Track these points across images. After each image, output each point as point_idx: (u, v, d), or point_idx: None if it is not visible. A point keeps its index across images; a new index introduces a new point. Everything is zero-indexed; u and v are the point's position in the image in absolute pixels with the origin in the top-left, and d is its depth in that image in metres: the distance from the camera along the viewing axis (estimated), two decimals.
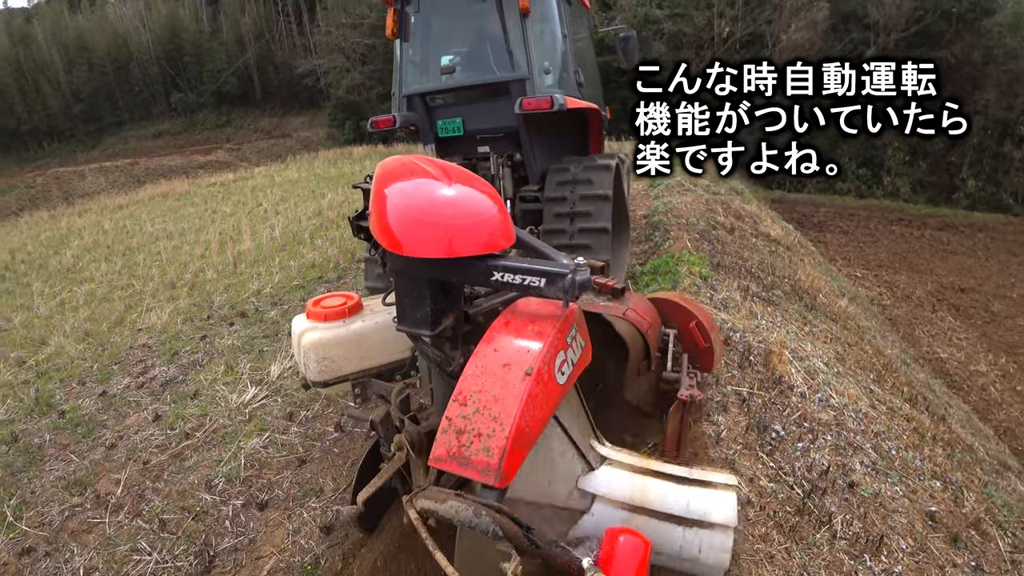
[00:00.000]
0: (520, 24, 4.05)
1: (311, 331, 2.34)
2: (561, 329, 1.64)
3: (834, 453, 2.55)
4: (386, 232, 1.65)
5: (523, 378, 1.50)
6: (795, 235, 10.95)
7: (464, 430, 1.48)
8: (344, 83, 32.44)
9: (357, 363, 2.36)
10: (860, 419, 3.01)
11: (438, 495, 1.50)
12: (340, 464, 3.02)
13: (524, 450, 1.48)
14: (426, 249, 1.61)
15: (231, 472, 3.12)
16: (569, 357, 1.67)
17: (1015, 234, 16.90)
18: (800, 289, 5.81)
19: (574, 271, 1.59)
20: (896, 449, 2.94)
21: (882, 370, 4.54)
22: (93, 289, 7.53)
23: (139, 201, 18.23)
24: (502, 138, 4.54)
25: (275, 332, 4.94)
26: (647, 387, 2.48)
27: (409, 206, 1.68)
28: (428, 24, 4.69)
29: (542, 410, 1.53)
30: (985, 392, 7.82)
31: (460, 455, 1.46)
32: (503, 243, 1.71)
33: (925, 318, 10.44)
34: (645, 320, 2.43)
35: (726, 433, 2.50)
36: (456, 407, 1.53)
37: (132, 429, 3.80)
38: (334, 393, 2.62)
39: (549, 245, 1.93)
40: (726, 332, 3.56)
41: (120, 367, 4.83)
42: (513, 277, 1.65)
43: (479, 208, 1.71)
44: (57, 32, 44.94)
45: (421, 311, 1.80)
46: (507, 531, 1.40)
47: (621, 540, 1.50)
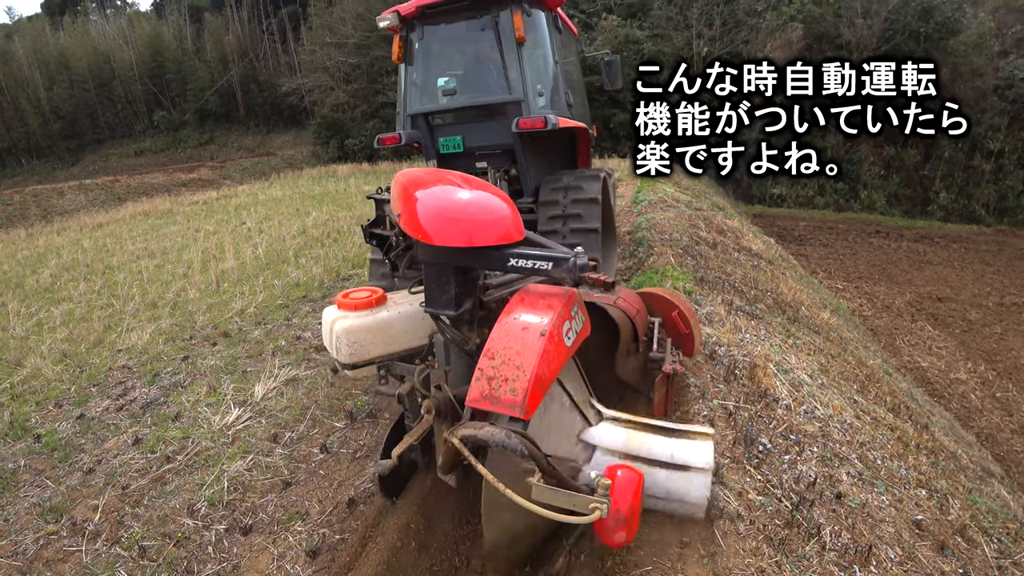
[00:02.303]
0: (516, 51, 4.38)
1: (342, 319, 2.64)
2: (567, 304, 2.01)
3: (821, 464, 2.57)
4: (418, 227, 2.02)
5: (539, 337, 1.85)
6: (776, 249, 11.13)
7: (494, 376, 1.83)
8: (328, 101, 32.49)
9: (383, 347, 2.67)
10: (845, 430, 3.04)
11: (476, 425, 1.82)
12: (326, 486, 2.96)
13: (541, 392, 1.82)
14: (453, 239, 1.97)
15: (214, 496, 3.04)
16: (573, 327, 2.03)
17: (988, 244, 17.39)
18: (783, 302, 5.89)
19: (576, 256, 1.98)
20: (881, 459, 2.97)
21: (865, 380, 4.60)
22: (71, 309, 7.36)
23: (120, 219, 17.96)
24: (499, 154, 4.88)
25: (259, 352, 4.87)
26: (636, 366, 2.84)
27: (438, 204, 2.06)
28: (431, 50, 5.01)
29: (554, 363, 1.87)
30: (966, 399, 7.96)
31: (491, 395, 1.81)
32: (516, 236, 2.08)
33: (905, 328, 10.64)
34: (633, 307, 2.79)
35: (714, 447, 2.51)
36: (486, 360, 1.88)
37: (111, 453, 3.69)
38: (361, 375, 2.83)
39: None
40: (711, 347, 3.59)
41: (99, 389, 4.72)
42: (526, 262, 2.02)
43: (496, 206, 2.10)
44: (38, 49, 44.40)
45: (446, 295, 2.16)
46: (531, 451, 1.71)
47: (619, 473, 1.79)
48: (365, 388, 3.96)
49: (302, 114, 38.97)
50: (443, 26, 4.86)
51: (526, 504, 1.67)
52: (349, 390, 3.99)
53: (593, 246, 4.39)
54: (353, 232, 10.25)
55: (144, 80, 43.80)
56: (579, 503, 1.68)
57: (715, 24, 24.56)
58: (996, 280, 13.62)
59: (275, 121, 42.73)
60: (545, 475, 1.75)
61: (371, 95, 30.96)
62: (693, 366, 3.26)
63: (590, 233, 4.44)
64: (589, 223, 4.45)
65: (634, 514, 1.74)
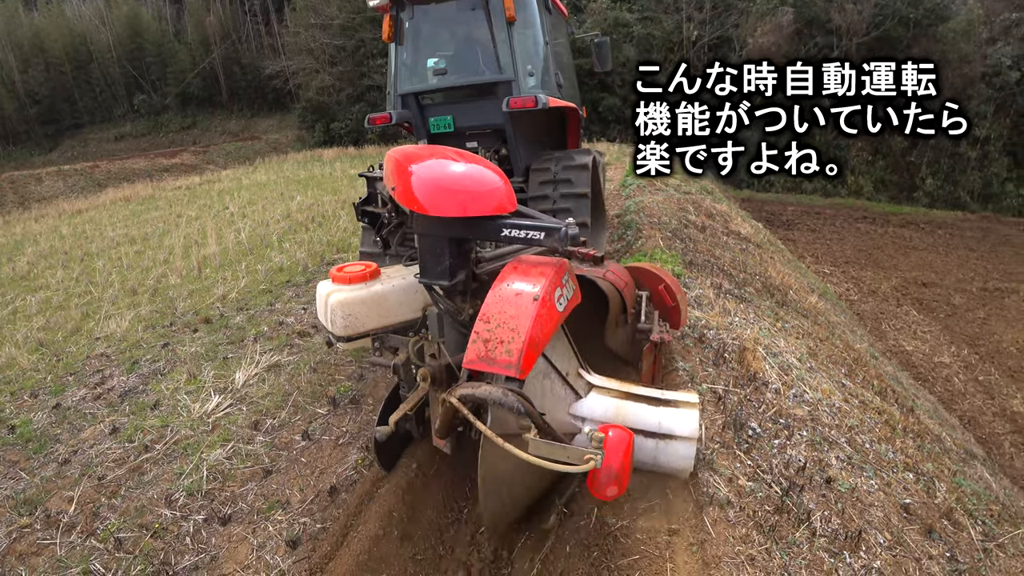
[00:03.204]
0: (507, 31, 4.38)
1: (337, 292, 2.66)
2: (558, 271, 2.07)
3: (810, 449, 2.54)
4: (413, 198, 2.05)
5: (532, 301, 1.92)
6: (764, 233, 11.15)
7: (489, 339, 1.89)
8: (314, 84, 31.86)
9: (377, 320, 2.70)
10: (834, 414, 3.03)
11: (474, 384, 1.88)
12: (307, 474, 2.89)
13: (536, 353, 1.88)
14: (448, 209, 2.02)
15: (192, 486, 2.96)
16: (564, 293, 2.10)
17: (972, 230, 17.57)
18: (771, 286, 5.88)
19: (567, 227, 2.03)
20: (870, 442, 2.95)
21: (852, 364, 4.61)
22: (48, 297, 7.18)
23: (100, 205, 17.57)
24: (489, 134, 4.88)
25: (240, 338, 4.76)
26: (625, 337, 2.93)
27: (433, 176, 2.10)
28: (421, 30, 4.97)
29: (547, 327, 1.94)
30: (949, 383, 8.06)
31: (488, 356, 1.86)
32: (509, 207, 2.15)
33: (891, 312, 10.74)
34: (622, 280, 2.88)
35: (703, 432, 2.47)
36: (481, 324, 1.93)
37: (87, 443, 3.59)
38: (355, 347, 2.84)
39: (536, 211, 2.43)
40: (700, 330, 3.55)
41: (76, 378, 4.59)
42: (519, 232, 2.08)
43: (489, 178, 2.16)
44: (11, 31, 42.86)
45: (441, 265, 2.21)
46: (527, 409, 1.79)
47: (611, 432, 1.85)
48: (348, 374, 3.89)
49: (287, 97, 38.17)
50: (433, 5, 4.81)
51: (524, 456, 1.71)
52: (332, 375, 3.91)
53: (582, 210, 4.48)
54: (338, 216, 10.08)
55: (123, 63, 42.56)
56: (573, 455, 1.76)
57: (705, 7, 24.36)
58: (980, 266, 13.79)
59: (259, 105, 41.82)
60: (541, 432, 1.81)
61: (357, 78, 30.42)
62: (682, 349, 3.23)
63: (580, 198, 4.50)
64: (578, 188, 4.52)
65: (624, 470, 1.80)
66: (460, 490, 2.67)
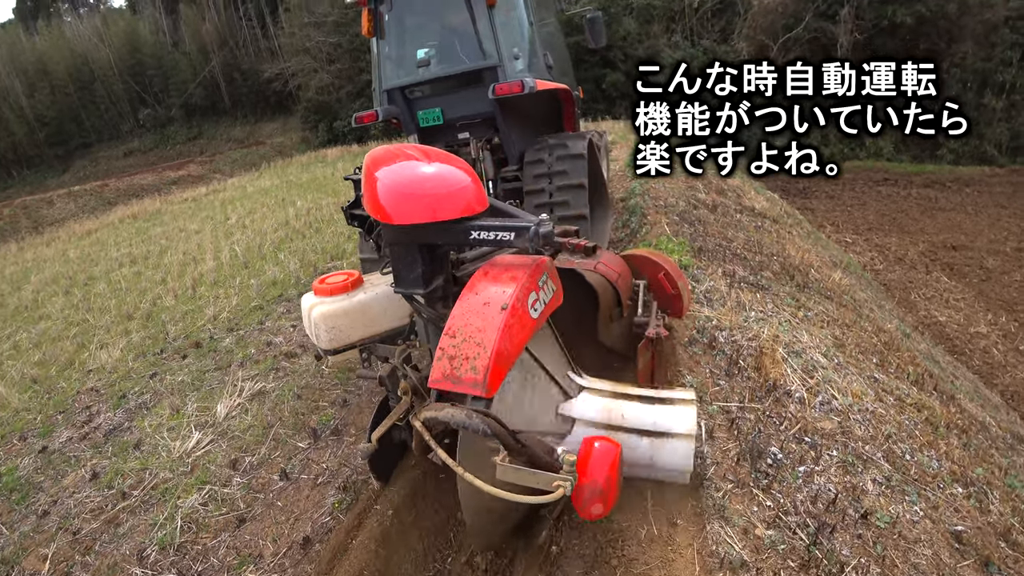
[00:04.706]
0: (488, 15, 4.21)
1: (319, 305, 2.58)
2: (532, 275, 1.93)
3: (842, 472, 2.21)
4: (378, 207, 1.96)
5: (500, 311, 1.78)
6: (781, 205, 10.63)
7: (455, 356, 1.77)
8: (313, 84, 31.68)
9: (362, 330, 2.62)
10: (868, 421, 2.68)
11: (438, 407, 1.79)
12: (283, 521, 2.66)
13: (505, 368, 1.76)
14: (413, 216, 1.92)
15: (165, 539, 2.75)
16: (541, 297, 1.95)
17: (1002, 186, 16.65)
18: (790, 266, 5.47)
19: (538, 224, 1.88)
20: (910, 452, 2.61)
21: (884, 350, 4.22)
22: (48, 328, 7.09)
23: (108, 224, 17.63)
24: (480, 123, 4.71)
25: (227, 363, 4.55)
26: (621, 332, 2.74)
27: (396, 183, 1.98)
28: (401, 21, 4.82)
29: (518, 337, 1.81)
30: (988, 355, 7.56)
31: (453, 375, 1.75)
32: (477, 207, 2.02)
33: (920, 281, 10.17)
34: (614, 271, 2.67)
35: (714, 470, 2.15)
36: (447, 339, 1.82)
37: (68, 491, 3.42)
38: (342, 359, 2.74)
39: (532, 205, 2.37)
40: (711, 332, 3.20)
41: (64, 416, 4.44)
42: (488, 234, 1.96)
43: (456, 179, 2.02)
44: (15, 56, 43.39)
45: (414, 273, 2.11)
46: (494, 430, 1.65)
47: (596, 445, 1.72)
48: (332, 399, 3.64)
49: (288, 99, 38.05)
50: None
51: (487, 488, 1.61)
52: (316, 402, 3.68)
53: (579, 202, 4.31)
54: (334, 220, 9.85)
55: (125, 78, 42.86)
56: (543, 481, 1.64)
57: None
58: (1013, 224, 13.00)
59: (262, 109, 41.83)
60: (512, 453, 1.69)
61: (355, 74, 30.11)
62: (690, 359, 2.90)
63: (577, 189, 4.33)
64: (574, 179, 4.35)
65: (611, 486, 1.68)
66: (443, 535, 2.40)
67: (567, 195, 4.34)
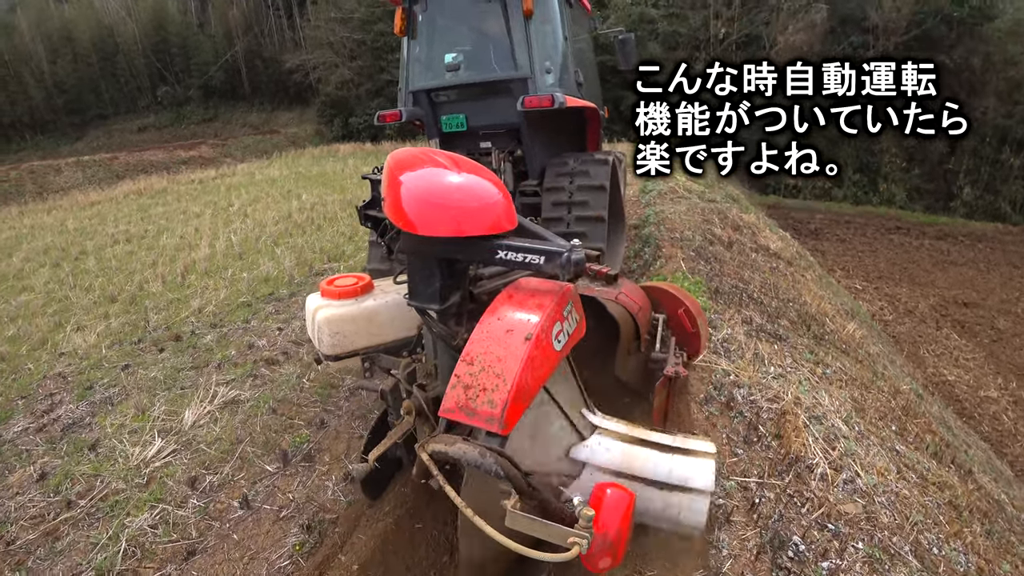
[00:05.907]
0: (523, 25, 4.15)
1: (325, 308, 2.47)
2: (558, 303, 1.80)
3: (868, 569, 1.94)
4: (401, 214, 1.82)
5: (524, 342, 1.65)
6: (794, 246, 10.38)
7: (471, 385, 1.64)
8: (333, 79, 31.62)
9: (367, 339, 2.51)
10: (894, 504, 2.41)
11: (448, 439, 1.66)
12: (236, 558, 2.38)
13: (524, 404, 1.63)
14: (438, 228, 1.79)
15: (104, 563, 2.47)
16: (565, 328, 1.82)
17: (1016, 244, 16.43)
18: (807, 315, 5.21)
19: (571, 250, 1.77)
20: (938, 544, 2.34)
21: (902, 415, 3.96)
22: (28, 301, 6.82)
23: (113, 198, 17.38)
24: (504, 134, 4.68)
25: (205, 363, 4.29)
26: (636, 366, 2.63)
27: (422, 190, 1.85)
28: (434, 23, 4.77)
29: (540, 371, 1.68)
30: (998, 421, 7.28)
31: (467, 406, 1.62)
32: (506, 225, 1.88)
33: (929, 336, 9.91)
34: (635, 303, 2.57)
35: (730, 565, 1.88)
36: (464, 366, 1.68)
37: (12, 491, 3.15)
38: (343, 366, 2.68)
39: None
40: (728, 390, 2.95)
41: (26, 402, 4.18)
42: (516, 255, 1.83)
43: (486, 193, 1.89)
44: (41, 22, 43.48)
45: (431, 288, 2.00)
46: (508, 472, 1.53)
47: (609, 492, 1.62)
48: (309, 418, 3.37)
49: (307, 91, 38.01)
50: None
51: (497, 536, 1.48)
52: (292, 419, 3.40)
53: (598, 236, 4.23)
54: (339, 219, 9.61)
55: (148, 54, 42.86)
56: (556, 535, 1.51)
57: (734, 3, 23.37)
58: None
59: (280, 98, 41.78)
60: (524, 497, 1.57)
61: (376, 72, 30.05)
62: (706, 420, 2.63)
63: (596, 222, 4.26)
64: (595, 210, 4.27)
65: (622, 537, 1.57)
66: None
67: (585, 227, 4.24)
